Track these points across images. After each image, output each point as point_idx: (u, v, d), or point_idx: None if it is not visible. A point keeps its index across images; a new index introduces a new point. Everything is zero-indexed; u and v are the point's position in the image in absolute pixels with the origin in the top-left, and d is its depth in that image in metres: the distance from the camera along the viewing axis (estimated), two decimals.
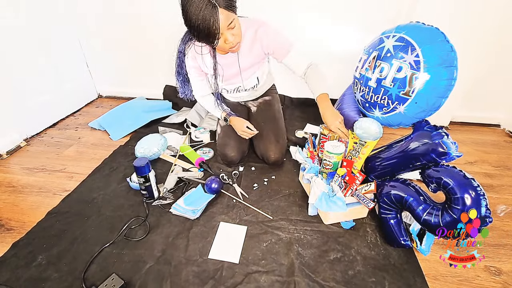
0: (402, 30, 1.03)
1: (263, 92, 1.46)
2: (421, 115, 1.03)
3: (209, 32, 0.88)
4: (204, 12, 0.84)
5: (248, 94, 1.38)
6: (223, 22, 0.87)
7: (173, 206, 1.08)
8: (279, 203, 1.14)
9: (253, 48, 1.14)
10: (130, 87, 2.13)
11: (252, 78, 1.27)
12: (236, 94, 1.35)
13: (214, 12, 0.84)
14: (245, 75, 1.24)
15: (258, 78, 1.29)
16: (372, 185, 0.96)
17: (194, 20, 0.86)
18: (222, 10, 0.86)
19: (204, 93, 1.32)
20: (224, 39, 0.94)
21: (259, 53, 1.16)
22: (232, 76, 1.23)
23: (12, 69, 1.52)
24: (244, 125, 1.27)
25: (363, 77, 1.16)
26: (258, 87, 1.35)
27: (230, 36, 0.93)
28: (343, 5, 1.62)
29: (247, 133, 1.27)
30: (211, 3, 0.83)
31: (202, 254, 0.93)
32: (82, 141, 1.60)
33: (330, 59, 1.80)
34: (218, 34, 0.89)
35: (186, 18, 0.88)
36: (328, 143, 1.05)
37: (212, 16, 0.84)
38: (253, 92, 1.38)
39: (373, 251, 0.95)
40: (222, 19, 0.87)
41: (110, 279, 0.82)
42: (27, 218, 1.08)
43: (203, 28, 0.87)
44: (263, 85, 1.38)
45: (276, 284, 0.84)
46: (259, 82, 1.31)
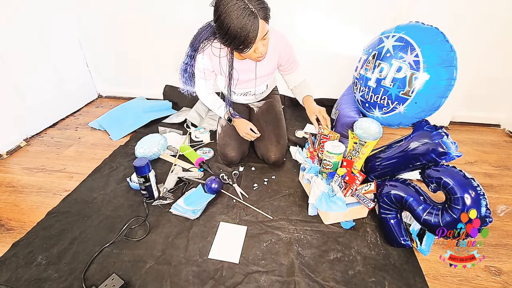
0: (402, 30, 1.03)
1: (267, 95, 1.47)
2: (421, 115, 1.03)
3: (246, 40, 0.88)
4: (245, 19, 0.83)
5: (254, 98, 1.40)
6: (260, 32, 0.88)
7: (173, 206, 1.09)
8: (279, 203, 1.14)
9: (272, 59, 1.17)
10: (130, 87, 2.13)
11: (262, 85, 1.30)
12: (242, 97, 1.36)
13: (255, 22, 0.85)
14: (259, 82, 1.26)
15: (267, 85, 1.32)
16: (372, 185, 0.96)
17: (232, 26, 0.85)
18: (261, 21, 0.86)
19: (208, 90, 1.31)
20: (255, 48, 0.95)
21: (275, 64, 1.20)
22: (246, 81, 1.24)
23: (12, 69, 1.52)
24: (247, 127, 1.27)
25: (362, 77, 1.16)
26: (264, 93, 1.39)
27: (261, 46, 0.95)
28: (342, 5, 1.62)
29: (250, 135, 1.27)
30: (252, 12, 0.83)
31: (202, 254, 0.93)
32: (82, 141, 1.60)
33: (329, 59, 1.81)
34: (253, 43, 0.90)
35: (223, 23, 0.86)
36: (328, 143, 1.05)
37: (252, 25, 0.85)
38: (259, 95, 1.40)
39: (373, 251, 0.95)
40: (260, 30, 0.88)
41: (110, 279, 0.82)
42: (27, 218, 1.08)
43: (240, 35, 0.87)
44: (269, 90, 1.42)
45: (276, 284, 0.84)
46: (267, 88, 1.35)
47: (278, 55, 1.17)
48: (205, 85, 1.28)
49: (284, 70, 1.27)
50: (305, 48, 1.75)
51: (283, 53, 1.18)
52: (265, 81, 1.28)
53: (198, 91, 1.32)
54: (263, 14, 0.86)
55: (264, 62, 1.17)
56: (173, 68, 2.01)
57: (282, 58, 1.19)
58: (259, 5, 0.85)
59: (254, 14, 0.83)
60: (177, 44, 1.79)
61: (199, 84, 1.28)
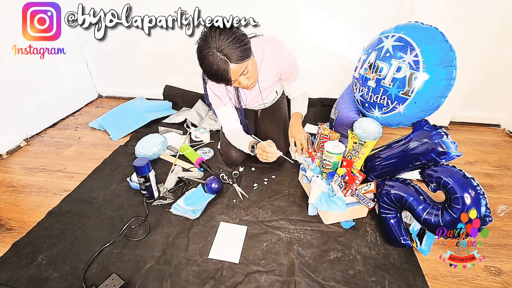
0: (401, 30, 1.03)
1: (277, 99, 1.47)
2: (421, 115, 1.03)
3: (223, 79, 0.95)
4: (216, 66, 0.90)
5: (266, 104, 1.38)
6: (234, 74, 0.93)
7: (173, 206, 1.09)
8: (279, 203, 1.14)
9: (272, 70, 1.16)
10: (130, 87, 2.13)
11: (271, 94, 1.29)
12: (255, 106, 1.36)
13: (226, 66, 0.91)
14: (265, 94, 1.26)
15: (277, 91, 1.31)
16: (372, 184, 0.96)
17: (208, 70, 0.93)
18: (233, 65, 0.91)
19: (232, 126, 1.25)
20: (238, 82, 1.00)
21: (277, 73, 1.19)
22: (254, 98, 1.24)
23: (12, 69, 1.53)
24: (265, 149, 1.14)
25: (362, 77, 1.16)
26: (277, 98, 1.38)
27: (243, 80, 0.99)
28: (342, 5, 1.63)
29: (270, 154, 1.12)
30: (222, 59, 0.89)
31: (202, 254, 0.93)
32: (82, 141, 1.60)
33: (329, 59, 1.81)
34: (231, 81, 0.96)
35: (201, 65, 0.94)
36: (328, 143, 1.06)
37: (224, 69, 0.91)
38: (271, 102, 1.39)
39: (373, 250, 0.95)
40: (233, 72, 0.93)
41: (110, 279, 0.82)
42: (27, 218, 1.08)
43: (216, 78, 0.94)
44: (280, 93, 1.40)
45: (276, 283, 0.84)
46: (277, 94, 1.34)
47: (278, 65, 1.15)
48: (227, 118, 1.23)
49: (284, 80, 1.24)
50: (305, 48, 1.76)
51: (282, 64, 1.15)
52: (272, 91, 1.27)
53: (223, 130, 1.28)
54: (236, 57, 0.90)
55: (265, 75, 1.16)
56: (173, 68, 2.02)
57: (282, 69, 1.17)
58: (231, 50, 0.89)
59: (223, 60, 0.89)
60: (177, 44, 1.80)
61: (222, 120, 1.24)
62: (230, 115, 1.23)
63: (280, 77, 1.22)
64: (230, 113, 1.23)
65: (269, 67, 1.14)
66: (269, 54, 1.11)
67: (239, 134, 1.25)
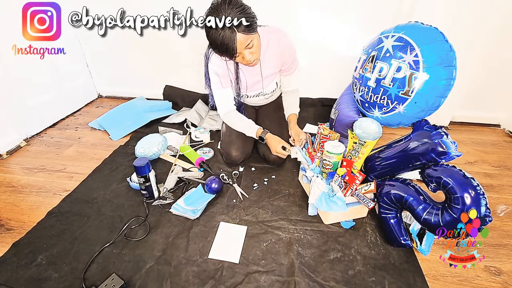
0: (401, 30, 1.03)
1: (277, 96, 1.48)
2: (421, 115, 1.03)
3: (227, 51, 0.96)
4: (223, 35, 0.91)
5: (265, 98, 1.39)
6: (240, 44, 0.95)
7: (173, 206, 1.09)
8: (279, 203, 1.14)
9: (276, 57, 1.19)
10: (130, 87, 2.13)
11: (272, 84, 1.30)
12: (254, 99, 1.37)
13: (232, 36, 0.92)
14: (266, 82, 1.27)
15: (277, 82, 1.32)
16: (372, 184, 0.96)
17: (214, 40, 0.94)
18: (240, 35, 0.93)
19: (227, 108, 1.27)
20: (242, 57, 1.01)
21: (280, 62, 1.21)
22: (255, 83, 1.25)
23: (12, 69, 1.52)
24: (279, 146, 1.20)
25: (362, 77, 1.16)
26: (275, 91, 1.38)
27: (248, 54, 1.00)
28: (342, 5, 1.63)
29: (281, 154, 1.20)
30: (230, 28, 0.91)
31: (202, 254, 0.93)
32: (82, 141, 1.60)
33: (329, 59, 1.81)
34: (236, 53, 0.97)
35: (208, 35, 0.95)
36: (328, 143, 1.06)
37: (230, 39, 0.92)
38: (270, 96, 1.40)
39: (373, 250, 0.95)
40: (239, 42, 0.94)
41: (110, 279, 0.82)
42: (27, 218, 1.08)
43: (222, 48, 0.95)
44: (279, 89, 1.41)
45: (276, 284, 0.84)
46: (277, 86, 1.34)
47: (282, 54, 1.18)
48: (223, 99, 1.24)
49: (283, 71, 1.27)
50: (305, 48, 1.75)
51: (286, 52, 1.19)
52: (273, 80, 1.28)
53: (218, 110, 1.29)
54: (242, 28, 0.92)
55: (268, 61, 1.18)
56: (173, 68, 2.02)
57: (284, 55, 1.19)
58: (239, 19, 0.90)
59: (231, 29, 0.91)
60: (177, 44, 1.80)
61: (217, 99, 1.25)
62: (228, 97, 1.25)
63: (281, 67, 1.24)
64: (228, 95, 1.24)
65: (273, 54, 1.16)
66: (275, 41, 1.14)
67: (239, 117, 1.28)
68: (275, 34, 1.15)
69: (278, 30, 1.17)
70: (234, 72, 1.19)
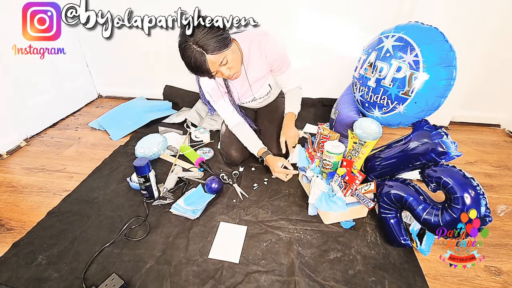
0: (401, 30, 1.03)
1: (275, 98, 1.47)
2: (421, 115, 1.03)
3: (201, 71, 0.97)
4: (194, 57, 0.93)
5: (263, 101, 1.38)
6: (212, 64, 0.95)
7: (173, 206, 1.09)
8: (279, 203, 1.14)
9: (260, 61, 1.16)
10: (130, 87, 2.13)
11: (264, 87, 1.28)
12: (251, 104, 1.36)
13: (203, 59, 0.93)
14: (256, 88, 1.25)
15: (270, 85, 1.29)
16: (372, 184, 0.96)
17: (187, 63, 0.96)
18: (210, 56, 0.93)
19: (234, 121, 1.27)
20: (220, 73, 1.01)
21: (266, 64, 1.18)
22: (245, 92, 1.25)
23: (12, 69, 1.52)
24: (280, 165, 1.18)
25: (362, 77, 1.16)
26: (271, 93, 1.36)
27: (225, 70, 1.00)
28: (342, 5, 1.63)
29: (283, 173, 1.18)
30: (198, 51, 0.92)
31: (202, 254, 0.93)
32: (82, 141, 1.61)
33: (329, 59, 1.81)
34: (210, 72, 0.98)
35: (182, 59, 0.97)
36: (328, 143, 1.06)
37: (201, 61, 0.93)
38: (266, 98, 1.38)
39: (373, 250, 0.95)
40: (211, 63, 0.95)
41: (110, 279, 0.82)
42: (27, 218, 1.08)
43: (196, 70, 0.97)
44: (275, 90, 1.39)
45: (276, 283, 0.84)
46: (271, 88, 1.32)
47: (266, 56, 1.14)
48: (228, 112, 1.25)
49: (274, 71, 1.22)
50: (305, 48, 1.76)
51: (270, 54, 1.14)
52: (263, 84, 1.26)
53: (227, 123, 1.29)
54: (212, 48, 0.92)
55: (253, 67, 1.16)
56: (173, 68, 2.02)
57: (269, 57, 1.15)
58: (206, 41, 0.91)
59: (199, 52, 0.92)
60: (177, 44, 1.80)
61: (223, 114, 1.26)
62: (228, 110, 1.25)
63: (271, 68, 1.21)
64: (228, 108, 1.25)
65: (257, 58, 1.14)
66: (256, 46, 1.12)
67: (247, 132, 1.27)
68: (256, 38, 1.11)
69: (259, 33, 1.11)
70: (224, 86, 1.19)
